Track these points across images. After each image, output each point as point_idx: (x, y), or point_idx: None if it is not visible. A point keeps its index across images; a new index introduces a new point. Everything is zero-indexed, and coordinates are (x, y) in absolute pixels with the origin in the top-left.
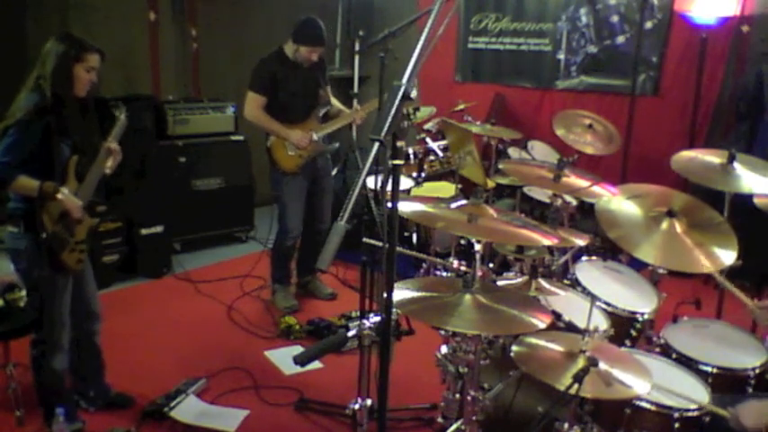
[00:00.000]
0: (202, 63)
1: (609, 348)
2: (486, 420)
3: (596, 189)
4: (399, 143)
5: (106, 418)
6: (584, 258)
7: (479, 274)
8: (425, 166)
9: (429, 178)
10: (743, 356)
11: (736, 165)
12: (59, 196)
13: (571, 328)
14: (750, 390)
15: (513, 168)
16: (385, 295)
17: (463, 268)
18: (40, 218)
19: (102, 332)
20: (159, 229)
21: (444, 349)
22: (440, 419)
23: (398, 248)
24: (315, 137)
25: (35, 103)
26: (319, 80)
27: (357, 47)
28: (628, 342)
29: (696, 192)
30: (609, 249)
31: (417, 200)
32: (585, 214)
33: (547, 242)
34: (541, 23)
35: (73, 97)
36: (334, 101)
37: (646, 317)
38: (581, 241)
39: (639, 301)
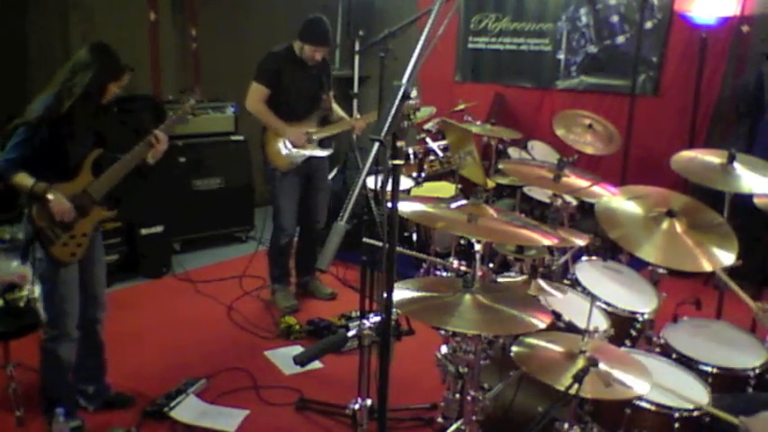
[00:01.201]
0: (202, 63)
1: (609, 348)
2: (486, 420)
3: (596, 189)
4: (399, 143)
5: (106, 417)
6: (584, 258)
7: (479, 274)
8: (425, 166)
9: (429, 178)
10: (743, 356)
11: (736, 165)
12: (49, 197)
13: (571, 328)
14: (750, 390)
15: (513, 168)
16: (385, 295)
17: (463, 268)
18: (29, 213)
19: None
20: (159, 229)
21: (444, 349)
22: (440, 419)
23: (398, 248)
24: (312, 138)
25: (47, 107)
26: (323, 83)
27: (357, 47)
28: (628, 342)
29: (696, 192)
30: (609, 249)
31: (417, 200)
32: (585, 214)
33: (547, 242)
34: (541, 23)
35: (99, 104)
36: (336, 108)
37: (646, 317)
38: (581, 241)
39: (639, 301)
